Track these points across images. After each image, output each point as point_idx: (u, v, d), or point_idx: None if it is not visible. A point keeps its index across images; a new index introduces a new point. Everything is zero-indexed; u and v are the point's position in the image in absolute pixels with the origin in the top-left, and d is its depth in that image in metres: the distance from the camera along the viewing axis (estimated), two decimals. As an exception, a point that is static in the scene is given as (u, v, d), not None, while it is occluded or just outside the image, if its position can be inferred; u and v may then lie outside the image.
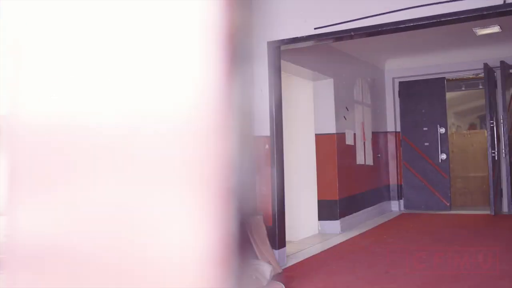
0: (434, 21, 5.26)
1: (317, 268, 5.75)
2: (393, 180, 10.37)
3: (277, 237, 6.05)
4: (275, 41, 6.26)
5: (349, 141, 8.56)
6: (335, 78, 8.36)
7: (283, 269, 5.81)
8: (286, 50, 6.82)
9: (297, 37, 6.07)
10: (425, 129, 10.17)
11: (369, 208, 9.20)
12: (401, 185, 10.37)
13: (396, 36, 7.86)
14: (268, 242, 5.85)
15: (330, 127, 8.19)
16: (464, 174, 11.32)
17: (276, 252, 5.98)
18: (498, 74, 9.45)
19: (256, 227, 5.77)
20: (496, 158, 9.20)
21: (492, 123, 9.19)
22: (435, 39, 8.78)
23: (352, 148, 8.70)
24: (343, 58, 8.81)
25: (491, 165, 9.06)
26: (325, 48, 8.15)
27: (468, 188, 11.25)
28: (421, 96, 10.28)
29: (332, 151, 8.13)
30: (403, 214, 9.83)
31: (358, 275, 5.33)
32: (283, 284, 5.04)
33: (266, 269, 4.94)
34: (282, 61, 6.76)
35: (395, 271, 5.41)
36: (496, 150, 9.18)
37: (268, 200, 6.11)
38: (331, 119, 8.19)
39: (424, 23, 5.35)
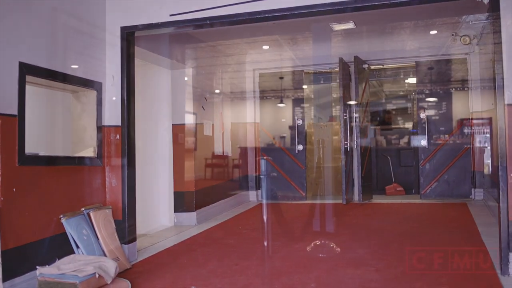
0: (289, 13, 5.32)
1: (168, 263, 5.59)
2: (251, 170, 10.46)
3: (127, 232, 5.79)
4: (129, 26, 6.00)
5: (207, 131, 8.46)
6: (195, 67, 8.20)
7: (132, 265, 5.58)
8: (144, 38, 6.58)
9: (152, 24, 5.86)
10: (283, 120, 10.35)
11: (226, 199, 9.19)
12: (259, 176, 10.49)
13: (256, 29, 7.89)
14: (116, 237, 5.59)
15: (187, 117, 8.02)
16: (320, 165, 11.70)
17: (126, 247, 5.74)
18: (352, 68, 9.83)
19: (104, 221, 5.49)
20: (348, 149, 9.58)
21: (346, 116, 9.55)
22: (294, 33, 8.93)
23: (210, 139, 8.62)
24: (203, 48, 8.68)
25: (344, 156, 9.42)
26: (185, 37, 7.98)
27: (324, 178, 11.66)
28: (280, 88, 10.45)
29: (190, 141, 7.97)
30: (261, 204, 9.95)
31: (209, 268, 5.25)
32: (129, 281, 4.82)
33: (111, 266, 4.69)
34: (139, 49, 6.53)
35: (245, 263, 5.40)
36: (348, 141, 9.55)
37: (118, 192, 5.85)
38: (189, 109, 8.02)
39: (280, 15, 5.39)
